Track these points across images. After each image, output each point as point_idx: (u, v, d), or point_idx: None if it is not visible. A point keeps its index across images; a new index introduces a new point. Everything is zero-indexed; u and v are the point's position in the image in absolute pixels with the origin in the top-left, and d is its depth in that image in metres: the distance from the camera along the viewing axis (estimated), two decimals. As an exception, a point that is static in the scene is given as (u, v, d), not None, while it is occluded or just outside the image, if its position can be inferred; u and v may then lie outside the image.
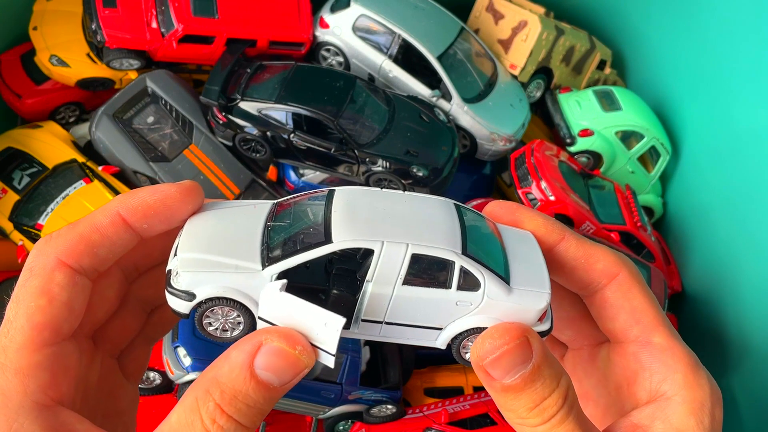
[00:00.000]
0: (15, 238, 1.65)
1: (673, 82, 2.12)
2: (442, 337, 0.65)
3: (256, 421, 0.57)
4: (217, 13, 1.77)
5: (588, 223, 1.85)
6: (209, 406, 0.54)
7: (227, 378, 0.55)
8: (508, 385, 0.58)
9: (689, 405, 0.62)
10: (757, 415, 1.63)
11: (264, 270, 0.61)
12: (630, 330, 0.67)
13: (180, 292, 0.61)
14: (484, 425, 1.63)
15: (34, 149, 1.74)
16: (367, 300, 0.62)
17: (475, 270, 0.62)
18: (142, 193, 0.62)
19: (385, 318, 0.63)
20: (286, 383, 0.57)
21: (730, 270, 1.81)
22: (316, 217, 0.64)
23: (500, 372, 0.58)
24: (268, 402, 0.56)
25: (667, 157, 2.09)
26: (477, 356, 0.59)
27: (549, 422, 0.58)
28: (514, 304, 0.63)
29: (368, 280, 0.61)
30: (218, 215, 0.65)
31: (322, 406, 1.64)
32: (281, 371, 0.56)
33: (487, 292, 0.63)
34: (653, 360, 0.65)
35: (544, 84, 2.16)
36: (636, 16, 2.21)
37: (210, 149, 1.80)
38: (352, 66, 1.93)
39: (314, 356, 0.58)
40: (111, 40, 1.72)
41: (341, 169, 1.77)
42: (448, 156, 1.78)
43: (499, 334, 0.59)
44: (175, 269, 0.61)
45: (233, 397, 0.55)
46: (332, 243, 0.60)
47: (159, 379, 1.64)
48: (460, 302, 0.63)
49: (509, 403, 0.59)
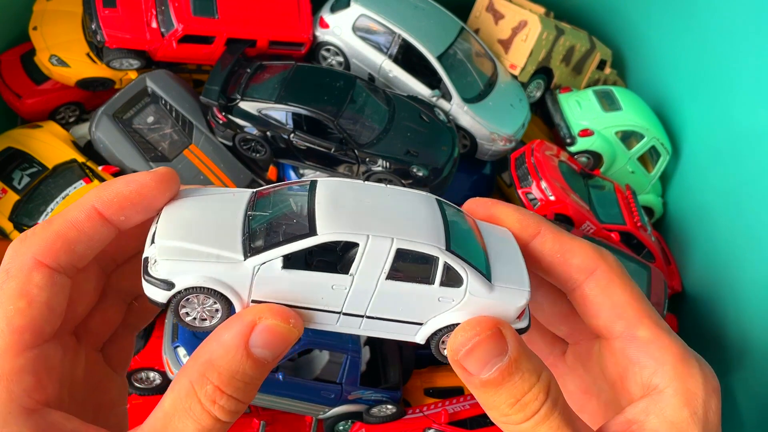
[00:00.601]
0: (15, 238, 1.65)
1: (673, 82, 2.12)
2: (421, 332, 0.65)
3: (252, 394, 0.57)
4: (217, 13, 1.77)
5: (588, 223, 1.85)
6: (207, 389, 0.54)
7: (224, 360, 0.55)
8: (485, 380, 0.57)
9: (682, 396, 0.61)
10: (757, 414, 1.63)
11: (246, 260, 0.60)
12: (613, 326, 0.66)
13: (158, 281, 0.59)
14: (484, 425, 1.63)
15: (34, 149, 1.74)
16: (350, 294, 0.62)
17: (459, 266, 0.62)
18: (117, 185, 0.61)
19: (366, 312, 0.63)
20: (279, 356, 0.58)
21: (730, 270, 1.81)
22: (299, 207, 0.63)
23: (476, 365, 0.58)
24: (263, 375, 0.57)
25: (667, 157, 2.09)
26: (451, 350, 0.59)
27: (533, 419, 0.58)
28: (494, 300, 0.62)
29: (351, 273, 0.61)
30: (196, 202, 0.64)
31: (322, 406, 1.64)
32: (275, 346, 0.57)
33: (470, 288, 0.62)
34: (641, 354, 0.64)
35: (544, 84, 2.16)
36: (636, 16, 2.21)
37: (210, 149, 1.80)
38: (352, 66, 1.93)
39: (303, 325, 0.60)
40: (111, 40, 1.72)
41: (341, 169, 1.77)
42: (448, 156, 1.78)
43: (470, 327, 0.59)
44: (153, 257, 0.60)
45: (231, 377, 0.55)
46: (317, 235, 0.59)
47: (159, 379, 1.64)
48: (443, 298, 0.63)
49: (490, 400, 0.59)
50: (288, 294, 0.61)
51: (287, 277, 0.60)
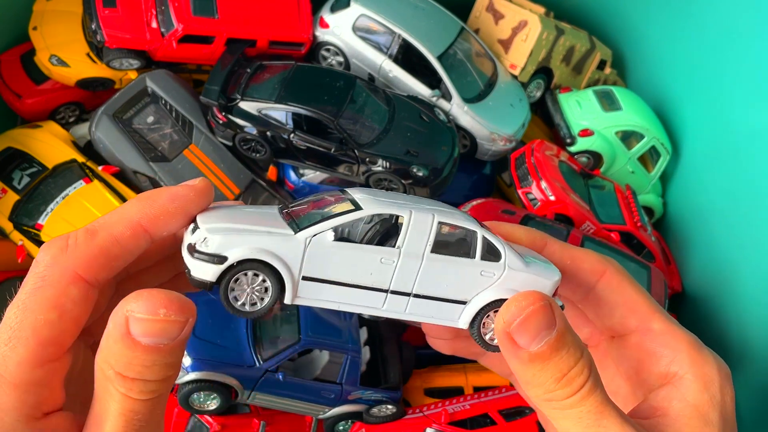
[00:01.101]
0: (15, 238, 1.65)
1: (673, 82, 2.12)
2: (465, 313, 0.66)
3: (166, 370, 0.55)
4: (217, 13, 1.77)
5: (588, 223, 1.85)
6: (110, 375, 0.54)
7: (113, 350, 0.54)
8: (534, 353, 0.58)
9: (701, 381, 0.64)
10: (757, 414, 1.63)
11: (297, 233, 0.61)
12: (628, 322, 0.69)
13: (209, 256, 0.59)
14: (484, 425, 1.63)
15: (34, 149, 1.74)
16: (398, 268, 0.63)
17: (496, 241, 0.65)
18: (162, 201, 0.60)
19: (413, 289, 0.64)
20: (177, 337, 0.55)
21: (730, 270, 1.81)
22: (337, 203, 0.65)
23: (527, 338, 0.58)
24: (168, 355, 0.55)
25: (667, 157, 2.09)
26: (504, 322, 0.60)
27: (578, 393, 0.59)
28: (532, 275, 0.65)
29: (398, 246, 0.63)
30: (230, 208, 0.66)
31: (322, 406, 1.64)
32: (161, 333, 0.54)
33: (508, 262, 0.65)
34: (657, 345, 0.67)
35: (544, 84, 2.16)
36: (636, 16, 2.21)
37: (210, 149, 1.80)
38: (352, 66, 1.93)
39: (189, 309, 0.56)
40: (111, 40, 1.72)
41: (341, 169, 1.77)
42: (448, 156, 1.78)
43: (524, 298, 0.60)
44: (201, 236, 0.60)
45: (127, 364, 0.54)
46: (362, 209, 0.62)
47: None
48: (484, 272, 0.65)
49: (536, 376, 0.59)
50: (338, 269, 0.62)
51: (338, 250, 0.61)
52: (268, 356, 1.56)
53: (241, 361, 1.55)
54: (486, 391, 1.74)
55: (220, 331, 1.59)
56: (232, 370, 1.53)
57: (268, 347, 1.58)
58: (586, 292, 0.70)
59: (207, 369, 1.52)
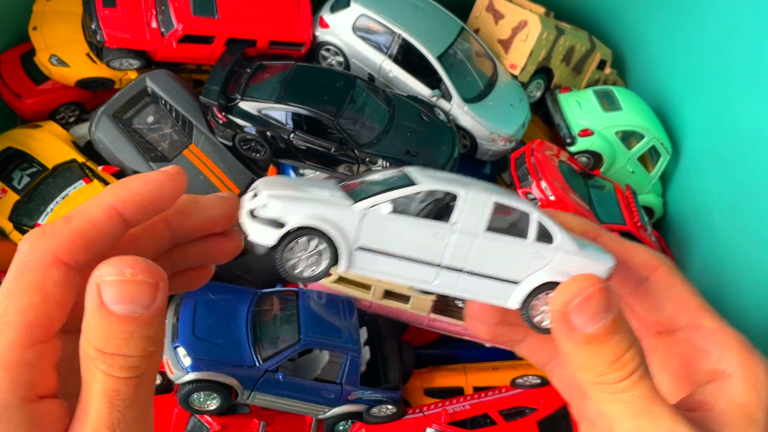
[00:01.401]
0: (15, 238, 1.65)
1: (673, 82, 2.12)
2: (517, 292, 0.66)
3: (147, 345, 0.55)
4: (217, 13, 1.77)
5: (588, 223, 1.84)
6: (91, 353, 0.54)
7: (90, 325, 0.54)
8: (590, 335, 0.58)
9: (750, 381, 0.64)
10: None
11: (355, 204, 0.62)
12: (679, 317, 0.69)
13: (268, 221, 0.61)
14: (484, 425, 1.63)
15: (34, 149, 1.74)
16: (451, 245, 0.64)
17: (550, 224, 0.65)
18: (135, 185, 0.61)
19: (465, 266, 0.65)
20: (151, 305, 0.54)
21: (730, 270, 1.81)
22: (392, 178, 0.66)
23: (584, 319, 0.58)
24: (145, 327, 0.55)
25: (667, 157, 2.09)
26: (563, 301, 0.60)
27: (630, 378, 0.59)
28: (587, 260, 0.65)
29: (453, 222, 0.63)
30: (291, 178, 0.68)
31: (322, 406, 1.64)
32: (132, 298, 0.53)
33: (563, 245, 0.65)
34: (707, 342, 0.67)
35: (544, 84, 2.16)
36: (636, 16, 2.21)
37: (210, 149, 1.80)
38: (352, 66, 1.93)
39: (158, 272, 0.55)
40: (111, 40, 1.72)
41: (341, 169, 1.77)
42: (448, 156, 1.78)
43: (584, 278, 0.60)
44: (261, 202, 0.61)
45: (106, 339, 0.54)
46: (419, 184, 0.63)
47: (159, 379, 1.64)
48: (537, 254, 0.65)
49: (590, 359, 0.60)
50: (392, 241, 0.63)
51: (393, 222, 0.62)
52: (268, 356, 1.56)
53: (241, 361, 1.55)
54: (486, 391, 1.74)
55: (220, 331, 1.59)
56: (232, 370, 1.53)
57: (268, 347, 1.58)
58: (636, 286, 0.70)
59: (207, 369, 1.52)
